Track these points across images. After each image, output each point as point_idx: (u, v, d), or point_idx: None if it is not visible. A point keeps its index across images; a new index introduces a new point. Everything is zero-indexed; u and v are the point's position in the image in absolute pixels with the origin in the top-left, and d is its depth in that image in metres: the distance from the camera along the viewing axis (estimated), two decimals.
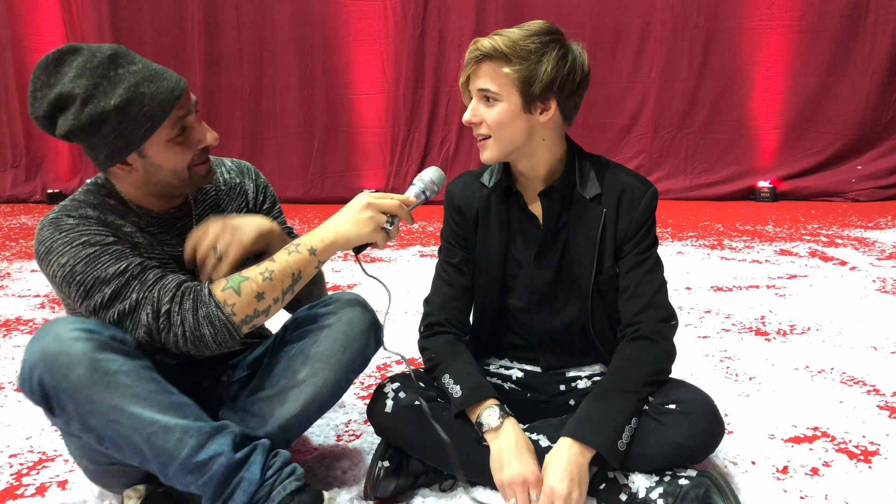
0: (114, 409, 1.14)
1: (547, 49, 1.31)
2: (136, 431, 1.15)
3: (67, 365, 1.12)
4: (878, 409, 1.78)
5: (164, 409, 1.17)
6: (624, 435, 1.30)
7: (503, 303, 1.53)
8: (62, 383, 1.12)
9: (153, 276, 1.23)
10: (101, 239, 1.23)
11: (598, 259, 1.42)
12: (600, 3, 6.04)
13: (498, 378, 1.55)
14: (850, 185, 5.72)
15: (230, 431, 1.22)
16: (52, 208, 1.40)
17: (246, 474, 1.21)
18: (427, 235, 4.72)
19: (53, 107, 1.19)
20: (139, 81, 1.19)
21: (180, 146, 1.26)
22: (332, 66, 6.59)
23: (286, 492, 1.22)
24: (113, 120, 1.18)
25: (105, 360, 1.14)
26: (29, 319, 2.88)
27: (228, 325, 1.22)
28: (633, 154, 6.17)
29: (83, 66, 1.18)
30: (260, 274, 1.25)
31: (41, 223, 1.26)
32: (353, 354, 1.37)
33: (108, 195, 1.32)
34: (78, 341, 1.13)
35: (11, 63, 7.14)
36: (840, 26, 5.62)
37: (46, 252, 1.23)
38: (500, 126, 1.34)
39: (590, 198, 1.42)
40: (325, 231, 1.30)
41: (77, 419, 1.15)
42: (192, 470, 1.18)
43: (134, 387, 1.15)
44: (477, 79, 1.34)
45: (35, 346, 1.15)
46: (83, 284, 1.21)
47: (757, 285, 3.12)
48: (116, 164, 1.25)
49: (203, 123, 1.31)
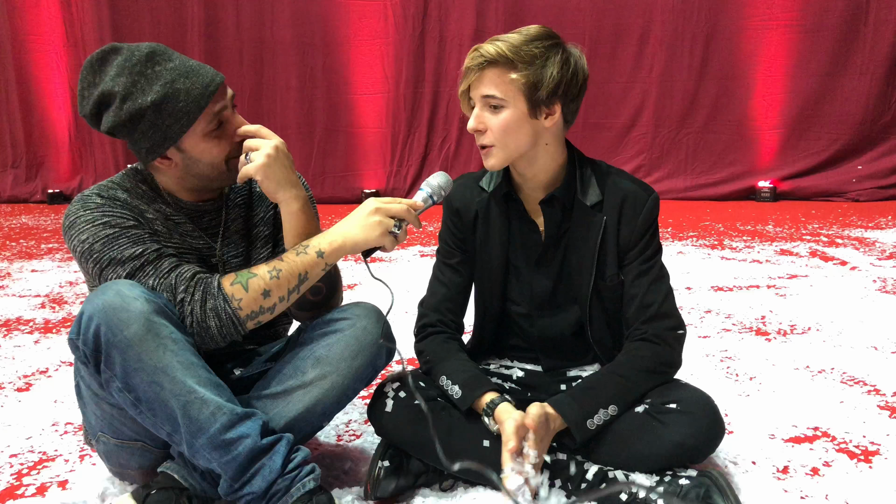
0: (159, 370, 1.18)
1: (550, 53, 1.31)
2: (174, 397, 1.19)
3: (125, 320, 1.16)
4: (879, 409, 1.78)
5: (203, 382, 1.21)
6: (596, 417, 1.31)
7: (504, 307, 1.53)
8: (117, 336, 1.16)
9: (168, 264, 1.28)
10: (122, 222, 1.29)
11: (598, 266, 1.42)
12: (600, 3, 6.03)
13: (498, 378, 1.55)
14: (850, 185, 5.72)
15: (259, 418, 1.25)
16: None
17: (268, 462, 1.23)
18: (428, 235, 4.72)
19: (98, 105, 1.26)
20: (175, 78, 1.25)
21: (217, 139, 1.31)
22: (332, 66, 6.60)
23: (304, 489, 1.24)
24: (150, 116, 1.24)
25: (159, 324, 1.18)
26: (29, 319, 2.88)
27: (234, 319, 1.26)
28: (633, 154, 6.17)
29: (122, 64, 1.25)
30: (268, 272, 1.28)
31: (75, 198, 1.33)
32: (364, 362, 1.37)
33: (142, 181, 1.39)
34: (137, 300, 1.17)
35: (11, 63, 7.15)
36: (840, 26, 5.62)
37: (70, 226, 1.30)
38: (507, 133, 1.33)
39: (591, 205, 1.41)
40: (335, 234, 1.32)
41: (121, 376, 1.18)
42: (218, 446, 1.20)
43: (180, 354, 1.19)
44: (481, 86, 1.33)
45: (97, 299, 1.18)
46: (99, 262, 1.27)
47: (757, 285, 3.12)
48: (157, 159, 1.31)
49: (239, 117, 1.35)
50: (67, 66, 7.14)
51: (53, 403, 1.97)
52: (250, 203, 1.50)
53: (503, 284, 1.50)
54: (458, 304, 1.53)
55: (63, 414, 1.89)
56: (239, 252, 1.47)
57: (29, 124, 7.25)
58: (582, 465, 1.35)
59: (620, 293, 1.44)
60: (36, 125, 7.28)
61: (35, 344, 2.54)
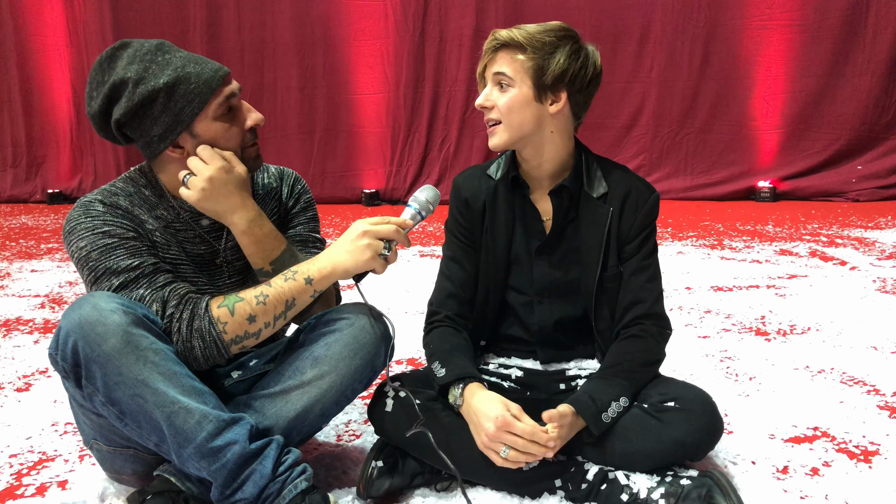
0: (140, 383, 1.17)
1: (561, 43, 1.37)
2: (158, 408, 1.18)
3: (102, 335, 1.15)
4: (878, 409, 1.78)
5: (186, 391, 1.20)
6: (610, 410, 1.34)
7: (505, 294, 1.54)
8: (95, 351, 1.15)
9: (164, 279, 1.28)
10: (123, 232, 1.29)
11: (603, 256, 1.45)
12: (600, 3, 6.03)
13: (497, 377, 1.55)
14: (850, 185, 5.72)
15: (247, 423, 1.24)
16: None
17: (258, 467, 1.22)
18: (427, 235, 4.72)
19: (109, 97, 1.27)
20: (185, 64, 1.28)
21: (229, 124, 1.32)
22: (332, 66, 6.59)
23: (297, 490, 1.23)
24: (163, 98, 1.25)
25: (138, 336, 1.17)
26: (29, 319, 2.88)
27: (218, 342, 1.26)
28: (633, 154, 6.16)
29: (133, 55, 1.27)
30: (255, 297, 1.28)
31: (77, 202, 1.33)
32: (363, 362, 1.36)
33: (145, 185, 1.38)
34: (115, 313, 1.16)
35: (14, 63, 7.15)
36: (840, 26, 5.61)
37: (70, 231, 1.30)
38: (511, 111, 1.38)
39: (597, 196, 1.45)
40: (324, 261, 1.32)
41: (103, 390, 1.18)
42: (206, 454, 1.20)
43: (161, 365, 1.18)
44: (493, 65, 1.40)
45: (73, 313, 1.17)
46: (94, 271, 1.26)
47: (757, 285, 3.12)
48: (169, 146, 1.30)
49: (248, 104, 1.36)
50: (69, 67, 7.14)
51: (53, 403, 1.97)
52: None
53: (505, 272, 1.52)
54: (466, 299, 1.54)
55: (63, 414, 1.89)
56: (242, 253, 1.47)
57: (30, 124, 7.25)
58: (582, 466, 1.35)
59: (619, 284, 1.46)
60: (36, 125, 7.28)
61: (35, 344, 2.54)
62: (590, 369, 1.54)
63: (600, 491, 1.32)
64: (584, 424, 1.33)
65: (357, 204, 6.58)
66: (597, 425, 1.32)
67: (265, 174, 1.52)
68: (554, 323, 1.51)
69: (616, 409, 1.35)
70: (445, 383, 1.38)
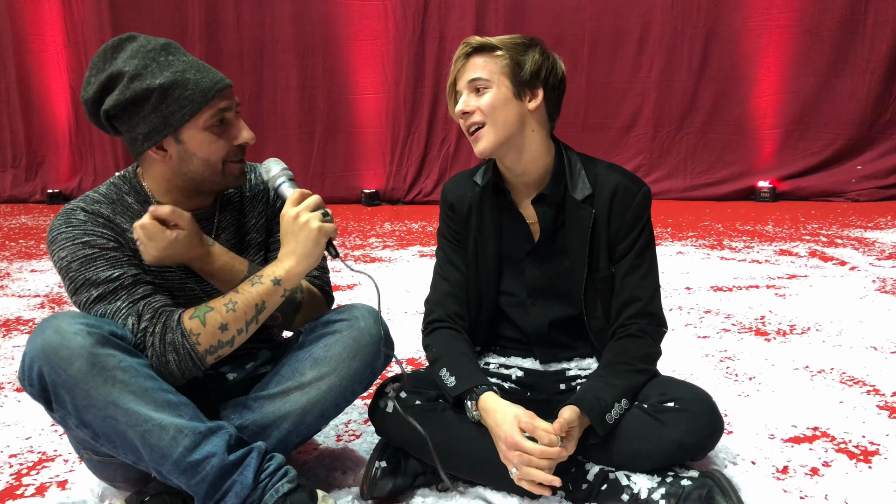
0: (110, 404, 1.15)
1: (531, 44, 1.42)
2: (130, 428, 1.16)
3: (66, 359, 1.13)
4: (878, 409, 1.78)
5: (159, 406, 1.18)
6: (613, 411, 1.34)
7: (498, 298, 1.54)
8: (61, 377, 1.14)
9: (143, 291, 1.27)
10: (104, 243, 1.27)
11: (590, 258, 1.45)
12: (600, 3, 6.03)
13: (498, 378, 1.55)
14: (850, 185, 5.72)
15: (225, 432, 1.22)
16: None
17: (239, 478, 1.21)
18: (427, 235, 4.72)
19: (103, 87, 1.25)
20: (186, 69, 1.25)
21: (217, 137, 1.29)
22: (332, 66, 6.59)
23: (278, 494, 1.22)
24: (155, 99, 1.23)
25: (104, 356, 1.15)
26: (29, 319, 2.88)
27: (192, 354, 1.24)
28: (633, 154, 6.17)
29: (137, 49, 1.25)
30: (224, 305, 1.26)
31: (61, 211, 1.31)
32: (362, 363, 1.36)
33: (128, 192, 1.35)
34: (78, 335, 1.14)
35: (12, 63, 7.16)
36: (840, 26, 5.61)
37: (52, 241, 1.28)
38: (494, 109, 1.39)
39: (581, 199, 1.44)
40: (285, 259, 1.28)
41: (74, 414, 1.16)
42: (184, 470, 1.18)
43: (131, 383, 1.16)
44: (466, 73, 1.41)
45: (36, 339, 1.16)
46: (74, 281, 1.25)
47: (757, 285, 3.12)
48: (152, 147, 1.28)
49: (242, 122, 1.34)
50: (68, 66, 7.15)
51: None
52: (242, 209, 1.47)
53: (497, 276, 1.52)
54: (461, 298, 1.54)
55: None
56: None
57: (29, 124, 7.25)
58: (583, 466, 1.35)
59: (612, 285, 1.46)
60: (36, 125, 7.28)
61: None
62: (590, 369, 1.54)
63: (601, 491, 1.32)
64: (588, 423, 1.33)
65: (357, 204, 6.58)
66: (602, 425, 1.32)
67: (253, 174, 1.49)
68: (549, 323, 1.51)
69: (618, 410, 1.35)
70: (458, 395, 1.39)
